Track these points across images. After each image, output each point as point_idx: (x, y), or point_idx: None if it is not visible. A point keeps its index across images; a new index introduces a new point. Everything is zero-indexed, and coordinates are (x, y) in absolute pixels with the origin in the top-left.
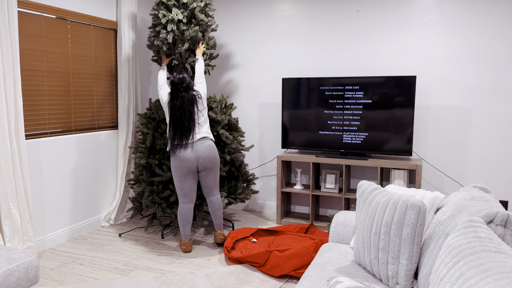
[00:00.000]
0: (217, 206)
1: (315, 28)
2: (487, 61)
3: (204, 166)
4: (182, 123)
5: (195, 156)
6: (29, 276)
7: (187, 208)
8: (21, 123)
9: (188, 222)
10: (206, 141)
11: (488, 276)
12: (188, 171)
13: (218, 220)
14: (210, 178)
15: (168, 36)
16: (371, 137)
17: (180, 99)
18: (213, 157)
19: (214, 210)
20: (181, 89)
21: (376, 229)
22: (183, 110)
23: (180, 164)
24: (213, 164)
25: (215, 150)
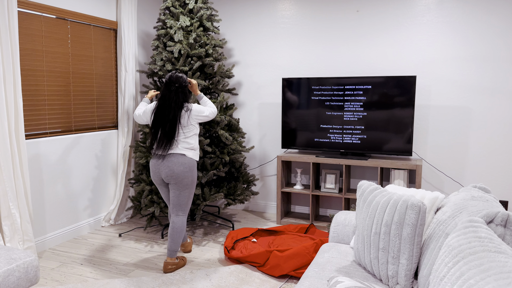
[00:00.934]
0: (176, 228)
1: (315, 28)
2: (487, 61)
3: (168, 181)
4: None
5: (158, 169)
6: (29, 276)
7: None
8: (21, 123)
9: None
10: (179, 157)
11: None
12: (156, 182)
13: (173, 246)
14: (174, 194)
15: (174, 48)
16: (371, 137)
17: (168, 102)
18: (178, 174)
19: (172, 232)
20: (172, 89)
21: (376, 229)
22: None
23: (152, 174)
24: (176, 181)
25: (185, 167)
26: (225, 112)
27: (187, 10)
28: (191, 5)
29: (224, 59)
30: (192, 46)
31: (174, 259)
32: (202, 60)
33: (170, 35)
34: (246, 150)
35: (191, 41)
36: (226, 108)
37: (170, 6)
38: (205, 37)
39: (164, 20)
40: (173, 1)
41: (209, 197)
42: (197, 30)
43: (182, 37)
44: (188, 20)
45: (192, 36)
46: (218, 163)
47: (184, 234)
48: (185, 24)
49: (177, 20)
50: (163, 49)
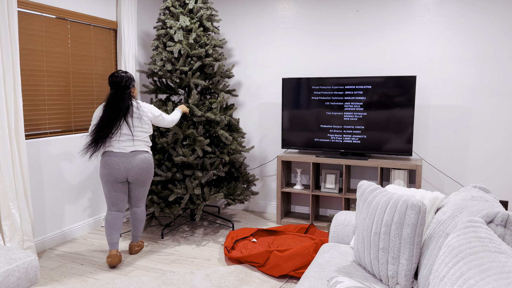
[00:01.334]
0: (140, 218)
1: (315, 28)
2: (487, 61)
3: (135, 180)
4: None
5: (126, 169)
6: (29, 276)
7: (114, 215)
8: (21, 123)
9: (115, 229)
10: (141, 154)
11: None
12: (116, 180)
13: (137, 232)
14: (140, 191)
15: (174, 48)
16: (371, 137)
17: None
18: (146, 172)
19: (135, 222)
20: (118, 94)
21: (376, 229)
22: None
23: (108, 172)
24: (144, 178)
25: (150, 164)
26: (225, 112)
27: (187, 10)
28: (191, 5)
29: (224, 59)
30: (192, 46)
31: (138, 242)
32: (202, 60)
33: (170, 35)
34: (246, 150)
35: (191, 41)
36: (226, 108)
37: (170, 6)
38: (205, 37)
39: (164, 20)
40: (173, 1)
41: (209, 197)
42: (197, 31)
43: (182, 37)
44: (188, 20)
45: (192, 36)
46: (218, 163)
47: (144, 222)
48: (185, 24)
49: (177, 20)
50: (163, 49)
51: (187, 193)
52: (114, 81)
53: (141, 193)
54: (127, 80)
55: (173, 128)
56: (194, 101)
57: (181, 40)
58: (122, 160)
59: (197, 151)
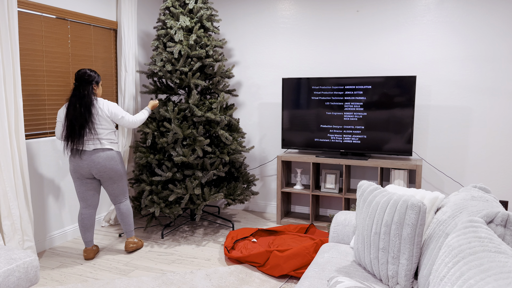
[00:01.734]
0: (125, 213)
1: (315, 28)
2: (487, 61)
3: (100, 177)
4: (75, 128)
5: (88, 166)
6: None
7: (86, 213)
8: (21, 123)
9: (87, 229)
10: (104, 152)
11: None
12: (82, 176)
13: (128, 227)
14: (113, 188)
15: (175, 49)
16: (371, 137)
17: (78, 100)
18: (109, 169)
19: (122, 217)
20: (80, 88)
21: (376, 229)
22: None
23: (73, 169)
24: (110, 176)
25: (113, 161)
26: (225, 112)
27: (187, 10)
28: (191, 5)
29: (224, 60)
30: (192, 47)
31: (133, 238)
32: (202, 61)
33: (170, 35)
34: (246, 150)
35: (191, 42)
36: (226, 108)
37: (170, 6)
38: (206, 38)
39: (164, 20)
40: (173, 1)
41: (209, 197)
42: (197, 32)
43: (182, 37)
44: (188, 20)
45: (192, 37)
46: (218, 163)
47: (132, 215)
48: (185, 24)
49: (177, 20)
50: (163, 49)
51: (187, 193)
52: (78, 74)
53: (115, 189)
54: (90, 76)
55: (173, 128)
56: (194, 101)
57: (181, 40)
58: (84, 157)
59: (197, 151)
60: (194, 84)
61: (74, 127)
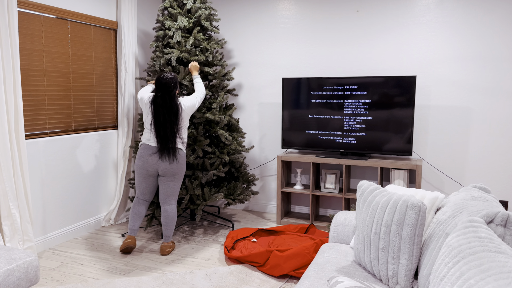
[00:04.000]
0: (171, 217)
1: (315, 28)
2: (488, 61)
3: (165, 172)
4: (163, 130)
5: (157, 162)
6: (29, 276)
7: (141, 203)
8: (21, 123)
9: (138, 217)
10: (175, 150)
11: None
12: (148, 173)
13: (168, 232)
14: (169, 185)
15: (172, 56)
16: (371, 137)
17: (165, 103)
18: (176, 165)
19: (167, 221)
20: (166, 92)
21: (376, 229)
22: (166, 119)
23: (142, 164)
24: (174, 172)
25: (182, 159)
26: (224, 112)
27: (185, 11)
28: (189, 5)
29: (225, 65)
30: (191, 52)
31: (170, 243)
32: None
33: (169, 36)
34: (246, 150)
35: (188, 47)
36: (225, 108)
37: (168, 7)
38: (205, 42)
39: (162, 21)
40: (171, 1)
41: (209, 197)
42: (196, 35)
43: (181, 38)
44: (186, 21)
45: (190, 41)
46: (218, 163)
47: (175, 221)
48: (183, 24)
49: (175, 21)
50: (161, 52)
51: (187, 193)
52: (162, 83)
53: (171, 188)
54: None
55: None
56: None
57: (179, 42)
58: (155, 154)
59: (197, 151)
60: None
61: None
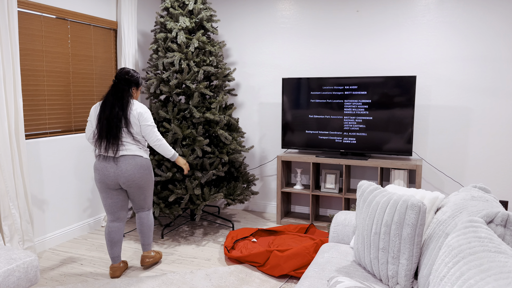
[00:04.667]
0: (146, 224)
1: (315, 28)
2: (488, 61)
3: (128, 186)
4: (108, 131)
5: (115, 174)
6: (29, 276)
7: (113, 227)
8: (21, 123)
9: (114, 243)
10: (134, 159)
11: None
12: (107, 187)
13: (145, 240)
14: (139, 198)
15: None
16: (371, 137)
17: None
18: (139, 178)
19: (141, 228)
20: (120, 85)
21: (376, 229)
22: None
23: (99, 178)
24: (138, 185)
25: (143, 169)
26: (224, 111)
27: (186, 11)
28: (190, 6)
29: (227, 69)
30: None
31: (150, 252)
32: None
33: (171, 39)
34: (245, 150)
35: (192, 50)
36: (225, 107)
37: (169, 7)
38: (209, 44)
39: (163, 22)
40: (172, 1)
41: (209, 197)
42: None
43: (184, 39)
44: (187, 21)
45: (194, 43)
46: (218, 163)
47: (152, 228)
48: (185, 25)
49: (176, 21)
50: (163, 53)
51: (187, 193)
52: (120, 73)
53: (141, 199)
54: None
55: (173, 128)
56: (195, 103)
57: (183, 43)
58: (111, 165)
59: (197, 151)
60: (199, 92)
61: (108, 129)
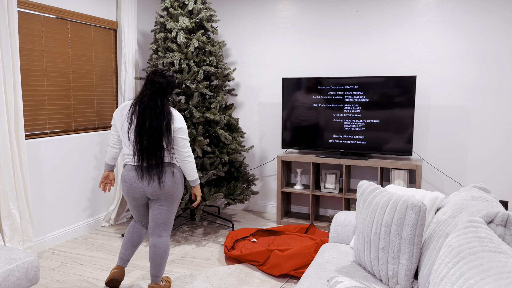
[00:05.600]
0: (160, 253)
1: (315, 28)
2: (488, 61)
3: (155, 195)
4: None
5: (143, 186)
6: (29, 276)
7: (137, 227)
8: (21, 123)
9: (131, 244)
10: (166, 167)
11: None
12: (134, 199)
13: (156, 271)
14: (160, 211)
15: (175, 58)
16: (371, 137)
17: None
18: (169, 187)
19: (155, 258)
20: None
21: (376, 229)
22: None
23: (127, 190)
24: (167, 196)
25: (174, 179)
26: (224, 111)
27: (186, 11)
28: (190, 6)
29: (227, 69)
30: (197, 55)
31: (159, 284)
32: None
33: (171, 39)
34: (245, 149)
35: (192, 50)
36: (225, 107)
37: (169, 7)
38: (209, 44)
39: (163, 22)
40: (172, 1)
41: (209, 197)
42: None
43: (185, 38)
44: (187, 21)
45: (194, 43)
46: (218, 163)
47: (167, 257)
48: (185, 24)
49: (176, 21)
50: (163, 53)
51: (187, 193)
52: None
53: (162, 214)
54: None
55: None
56: (195, 103)
57: (183, 43)
58: (140, 175)
59: (197, 151)
60: (199, 92)
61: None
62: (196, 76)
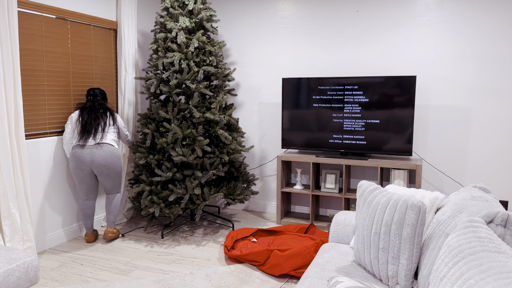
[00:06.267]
0: (114, 203)
1: (315, 28)
2: (488, 61)
3: (100, 171)
4: (90, 123)
5: (91, 159)
6: (29, 276)
7: (87, 204)
8: (21, 123)
9: (89, 217)
10: (107, 146)
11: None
12: (83, 173)
13: (111, 217)
14: (108, 183)
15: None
16: (371, 137)
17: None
18: (110, 164)
19: (110, 207)
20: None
21: (376, 229)
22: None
23: (76, 165)
24: (109, 171)
25: (115, 157)
26: (224, 111)
27: (186, 11)
28: (190, 6)
29: (227, 69)
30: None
31: (113, 228)
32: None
33: (171, 39)
34: (245, 149)
35: (192, 50)
36: (225, 107)
37: (169, 7)
38: (209, 44)
39: (163, 22)
40: (172, 1)
41: (209, 197)
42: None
43: (185, 38)
44: (187, 21)
45: (194, 43)
46: (218, 163)
47: (118, 207)
48: (185, 24)
49: (176, 21)
50: (163, 53)
51: (187, 193)
52: (91, 93)
53: (111, 185)
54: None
55: (173, 128)
56: (195, 103)
57: (183, 43)
58: (87, 151)
59: (197, 151)
60: (199, 92)
61: (92, 121)
62: (196, 76)
